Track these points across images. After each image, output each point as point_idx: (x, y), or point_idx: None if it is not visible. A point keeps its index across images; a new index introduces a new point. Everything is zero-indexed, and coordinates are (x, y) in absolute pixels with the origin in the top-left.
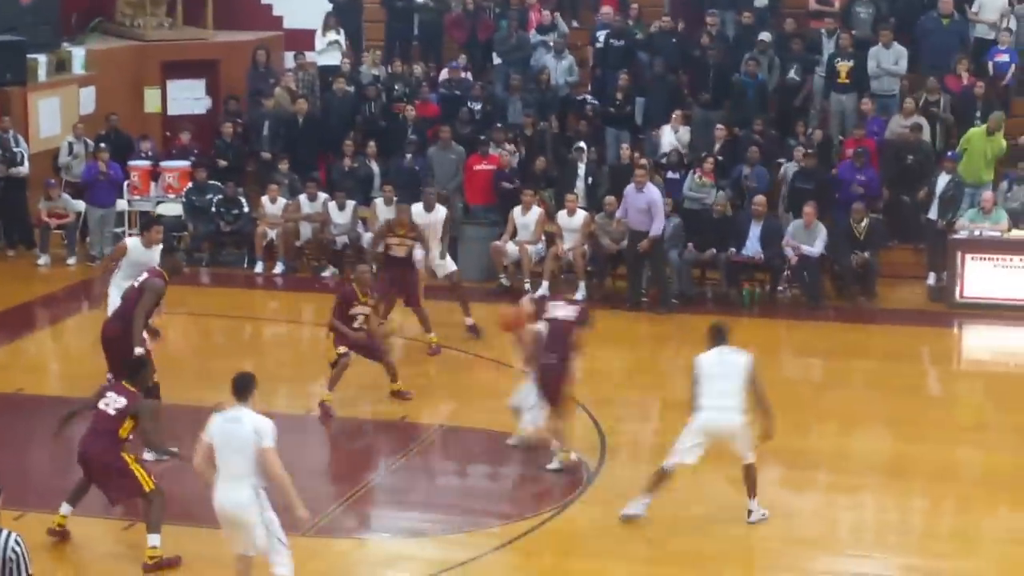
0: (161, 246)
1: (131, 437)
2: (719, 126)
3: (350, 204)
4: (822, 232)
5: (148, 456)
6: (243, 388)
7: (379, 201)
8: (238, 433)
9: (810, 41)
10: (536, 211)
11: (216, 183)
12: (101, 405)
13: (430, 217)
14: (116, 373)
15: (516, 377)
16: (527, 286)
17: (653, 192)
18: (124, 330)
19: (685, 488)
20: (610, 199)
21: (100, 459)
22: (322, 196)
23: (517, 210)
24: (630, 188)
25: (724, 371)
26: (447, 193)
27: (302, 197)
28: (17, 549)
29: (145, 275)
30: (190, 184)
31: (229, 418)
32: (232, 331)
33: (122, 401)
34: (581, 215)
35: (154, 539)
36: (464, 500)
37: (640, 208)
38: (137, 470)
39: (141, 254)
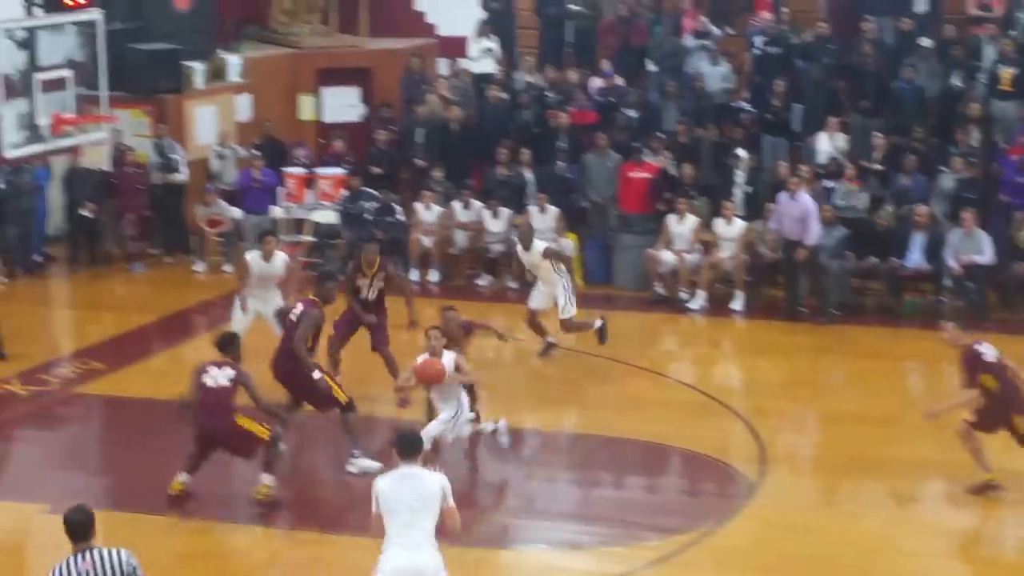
0: (282, 256)
1: None
2: (877, 134)
3: (504, 212)
4: (987, 239)
5: None
6: (410, 447)
7: (533, 209)
8: (421, 492)
9: (971, 48)
10: (691, 219)
11: (370, 190)
12: (208, 382)
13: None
14: (299, 400)
15: (671, 387)
16: (682, 295)
17: (806, 200)
18: (294, 365)
19: (852, 502)
20: (771, 206)
21: (228, 429)
22: (476, 204)
23: (672, 218)
24: (783, 196)
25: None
26: (603, 201)
27: (456, 204)
28: (132, 561)
29: (301, 306)
30: (344, 191)
31: (404, 475)
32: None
33: (229, 371)
34: (739, 223)
35: (267, 478)
36: (621, 512)
37: (794, 217)
38: (251, 425)
39: (263, 268)
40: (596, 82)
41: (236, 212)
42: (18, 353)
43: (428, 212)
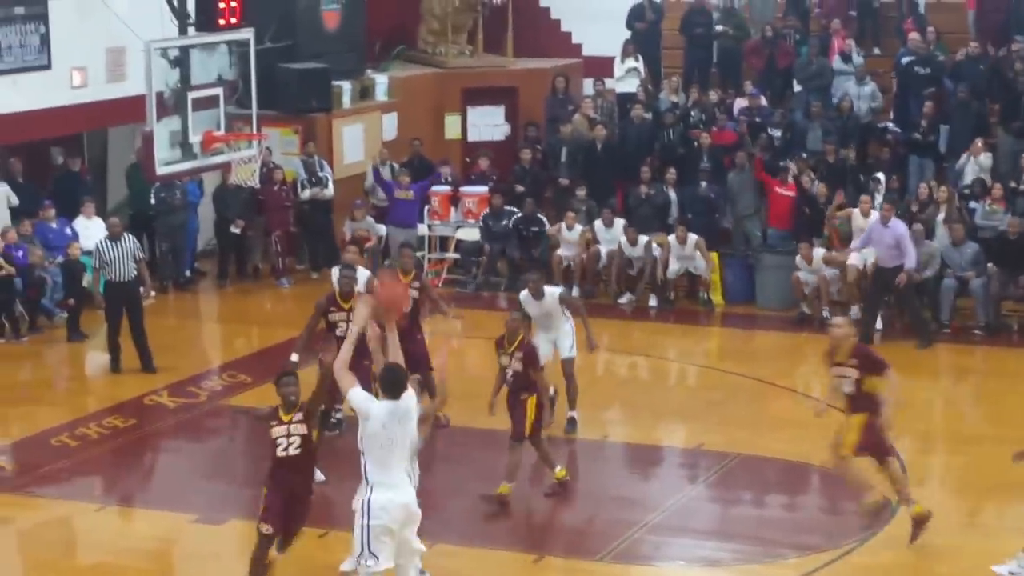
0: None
1: None
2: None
3: (642, 239)
4: None
5: None
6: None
7: (672, 238)
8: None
9: None
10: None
11: (512, 208)
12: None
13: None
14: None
15: (796, 400)
16: (825, 313)
17: (899, 227)
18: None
19: (994, 524)
20: (917, 227)
21: None
22: (619, 223)
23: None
24: (875, 223)
25: None
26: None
27: (598, 223)
28: None
29: None
30: (487, 209)
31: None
32: None
33: None
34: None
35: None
36: (760, 530)
37: (888, 244)
38: None
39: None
40: (740, 102)
41: (382, 229)
42: (167, 366)
43: (571, 231)
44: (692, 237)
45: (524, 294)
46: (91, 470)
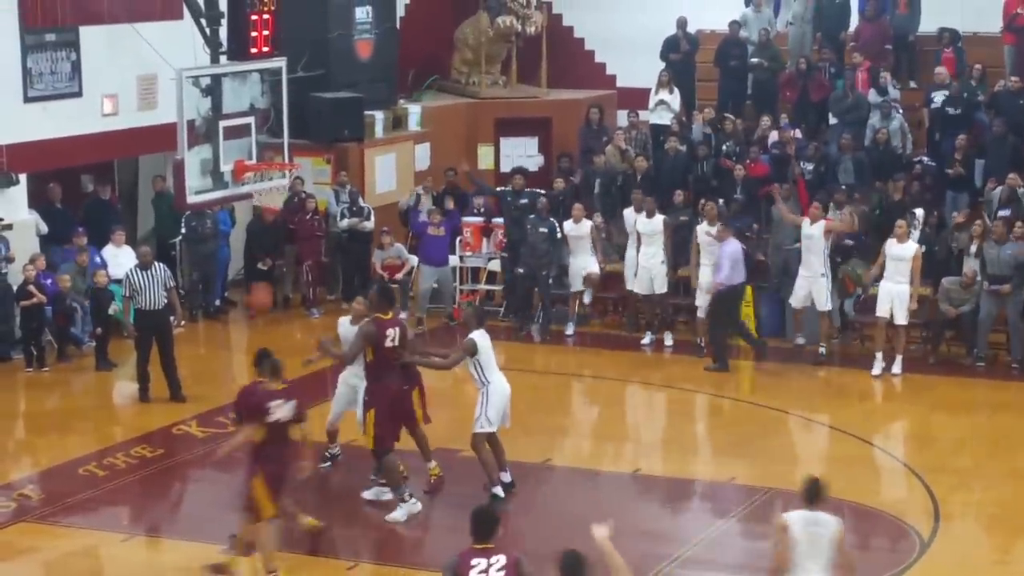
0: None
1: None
2: None
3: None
4: None
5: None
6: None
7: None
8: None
9: None
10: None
11: (535, 190)
12: None
13: None
14: None
15: (846, 441)
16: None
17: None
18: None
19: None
20: (968, 271)
21: None
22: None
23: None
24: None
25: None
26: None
27: (631, 252)
28: None
29: None
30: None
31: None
32: (553, 387)
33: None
34: (913, 245)
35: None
36: None
37: None
38: None
39: (347, 331)
40: (773, 135)
41: (414, 259)
42: (196, 395)
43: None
44: None
45: None
46: (119, 499)
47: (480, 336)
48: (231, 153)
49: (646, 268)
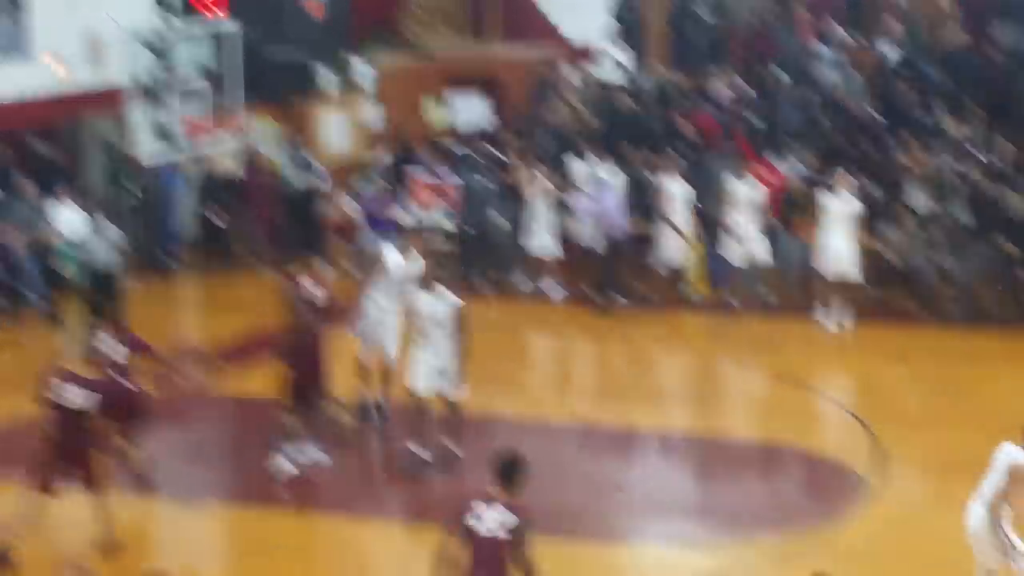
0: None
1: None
2: (1007, 144)
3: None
4: None
5: None
6: None
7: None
8: None
9: None
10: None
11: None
12: (484, 531)
13: None
14: None
15: (793, 391)
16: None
17: None
18: None
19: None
20: (903, 212)
21: None
22: None
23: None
24: None
25: None
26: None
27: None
28: None
29: None
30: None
31: None
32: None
33: (511, 518)
34: (853, 200)
35: None
36: (738, 510)
37: None
38: None
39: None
40: (723, 90)
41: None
42: None
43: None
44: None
45: None
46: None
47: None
48: (184, 114)
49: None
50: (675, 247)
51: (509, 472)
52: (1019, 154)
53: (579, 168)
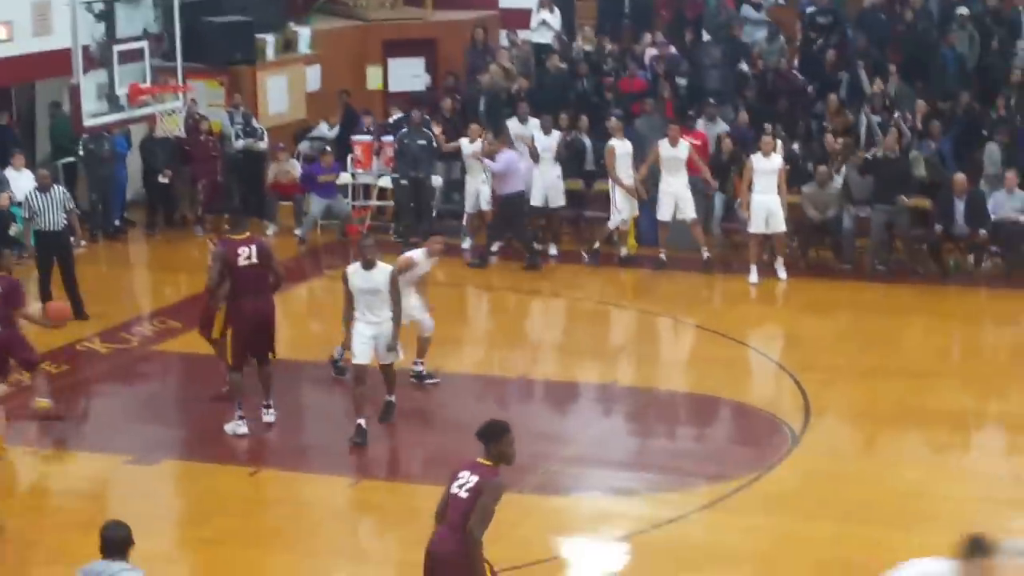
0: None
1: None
2: (919, 101)
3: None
4: None
5: None
6: None
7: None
8: None
9: (1012, 19)
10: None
11: (426, 130)
12: (453, 488)
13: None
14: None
15: (723, 344)
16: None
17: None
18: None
19: (891, 450)
20: (821, 168)
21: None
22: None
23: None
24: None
25: None
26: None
27: None
28: None
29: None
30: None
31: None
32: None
33: (474, 479)
34: (778, 158)
35: None
36: (672, 461)
37: None
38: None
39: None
40: (650, 51)
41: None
42: (98, 313)
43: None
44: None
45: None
46: (25, 415)
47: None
48: (126, 77)
49: (544, 184)
50: (620, 205)
51: (488, 437)
52: (931, 111)
53: (512, 128)
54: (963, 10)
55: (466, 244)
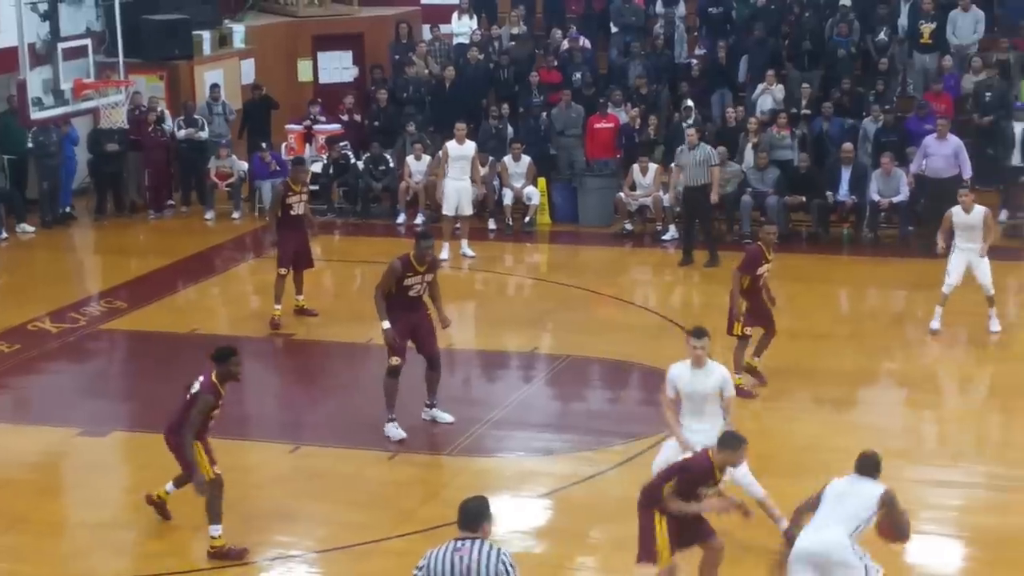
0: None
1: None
2: (805, 85)
3: (488, 159)
4: (903, 178)
5: None
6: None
7: (508, 158)
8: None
9: (892, 5)
10: (652, 168)
11: (347, 154)
12: (191, 386)
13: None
14: None
15: (635, 312)
16: (659, 227)
17: (956, 139)
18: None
19: (789, 407)
20: (722, 149)
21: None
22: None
23: (636, 169)
24: (930, 138)
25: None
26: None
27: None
28: (506, 560)
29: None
30: (334, 153)
31: None
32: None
33: (197, 385)
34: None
35: (214, 530)
36: (590, 421)
37: (946, 155)
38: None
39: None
40: (564, 43)
41: (243, 165)
42: (48, 295)
43: (418, 162)
44: (525, 158)
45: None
46: None
47: None
48: (70, 73)
49: (455, 191)
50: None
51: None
52: (821, 96)
53: (435, 116)
54: (845, 1)
55: (400, 219)
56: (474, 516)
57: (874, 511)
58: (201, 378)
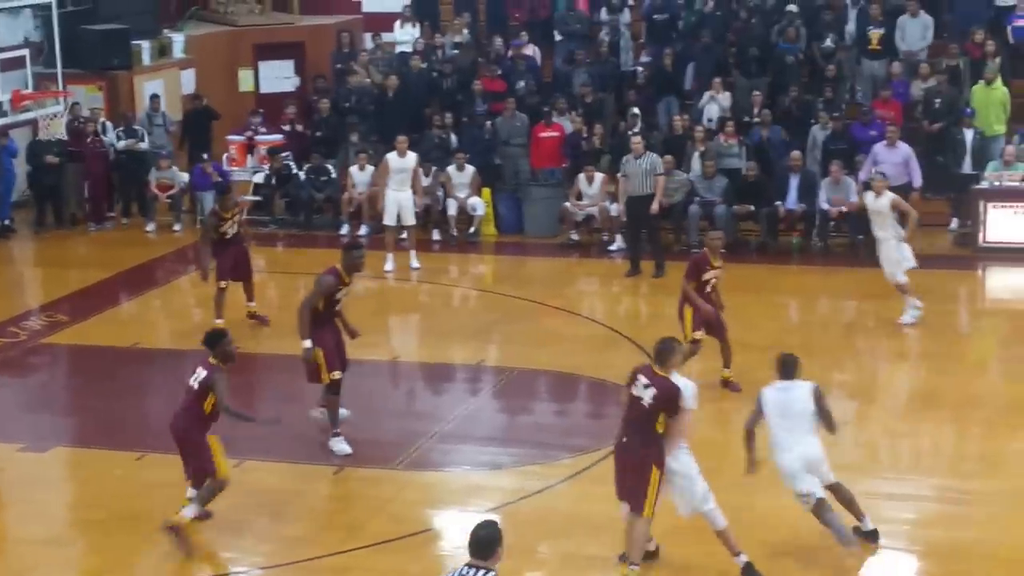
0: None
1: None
2: (756, 92)
3: (433, 169)
4: (853, 186)
5: None
6: None
7: (452, 168)
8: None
9: (839, 12)
10: (599, 178)
11: (289, 164)
12: (191, 380)
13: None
14: None
15: (581, 323)
16: (605, 238)
17: (906, 147)
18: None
19: (737, 420)
20: (668, 158)
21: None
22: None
23: (582, 178)
24: (880, 146)
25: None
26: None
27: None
28: None
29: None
30: (276, 164)
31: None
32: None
33: (203, 374)
34: (597, 179)
35: (189, 511)
36: (537, 435)
37: (896, 163)
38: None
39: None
40: (509, 52)
41: (184, 176)
42: None
43: (362, 173)
44: (469, 168)
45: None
46: None
47: None
48: (8, 84)
49: (395, 202)
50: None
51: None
52: (770, 103)
53: (378, 126)
54: (792, 7)
55: (344, 229)
56: (486, 544)
57: (813, 405)
58: (201, 368)
